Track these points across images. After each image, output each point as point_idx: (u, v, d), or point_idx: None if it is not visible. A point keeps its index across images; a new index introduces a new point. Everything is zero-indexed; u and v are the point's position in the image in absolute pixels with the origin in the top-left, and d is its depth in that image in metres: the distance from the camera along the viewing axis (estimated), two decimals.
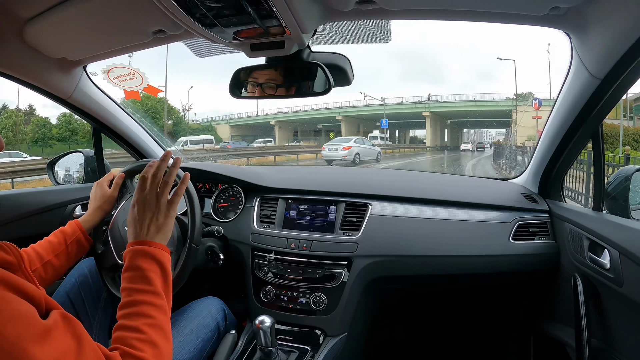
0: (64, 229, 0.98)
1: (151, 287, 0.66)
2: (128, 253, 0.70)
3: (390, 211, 1.23)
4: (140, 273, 0.67)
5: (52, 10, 0.85)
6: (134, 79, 1.45)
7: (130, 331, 0.60)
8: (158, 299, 0.66)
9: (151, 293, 0.65)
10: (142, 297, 0.64)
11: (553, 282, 1.19)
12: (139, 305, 0.63)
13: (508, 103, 29.76)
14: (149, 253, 0.70)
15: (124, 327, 0.61)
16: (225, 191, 1.43)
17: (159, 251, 0.71)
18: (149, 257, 0.69)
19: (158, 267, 0.69)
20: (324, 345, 1.10)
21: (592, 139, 1.01)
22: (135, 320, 0.62)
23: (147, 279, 0.66)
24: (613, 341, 0.91)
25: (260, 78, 0.95)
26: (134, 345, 0.58)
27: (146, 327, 0.61)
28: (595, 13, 0.73)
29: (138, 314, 0.62)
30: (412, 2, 0.79)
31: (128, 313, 0.63)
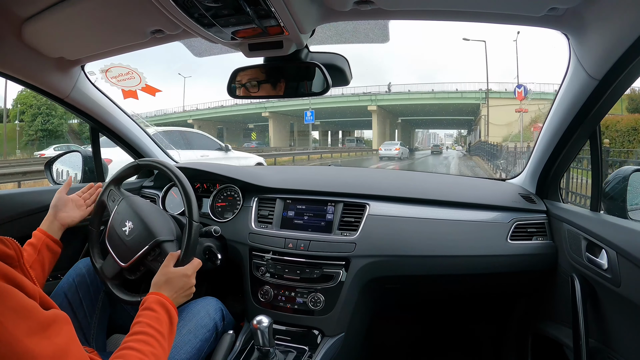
0: (30, 241, 0.99)
1: (160, 327, 0.77)
2: (150, 299, 0.83)
3: (388, 211, 1.23)
4: (155, 314, 0.79)
5: (50, 10, 0.84)
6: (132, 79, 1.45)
7: (133, 350, 0.69)
8: (162, 338, 0.76)
9: (159, 332, 0.76)
10: (152, 331, 0.75)
11: (551, 283, 1.19)
12: (147, 336, 0.73)
13: (476, 95, 25.45)
14: (167, 307, 0.83)
15: (129, 347, 0.70)
16: (223, 191, 1.43)
17: (174, 312, 0.84)
18: (165, 309, 0.82)
19: (167, 317, 0.81)
20: (321, 345, 1.10)
21: (590, 140, 1.01)
22: (140, 345, 0.71)
23: (159, 321, 0.79)
24: (610, 341, 0.91)
25: (258, 78, 0.95)
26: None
27: (149, 353, 0.70)
28: (593, 14, 0.73)
29: (144, 341, 0.72)
30: (410, 3, 0.79)
31: (135, 339, 0.72)
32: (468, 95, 26.40)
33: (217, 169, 1.46)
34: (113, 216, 1.06)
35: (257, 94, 0.97)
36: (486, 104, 24.06)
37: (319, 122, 37.29)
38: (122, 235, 1.02)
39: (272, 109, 29.20)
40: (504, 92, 23.78)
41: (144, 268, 1.02)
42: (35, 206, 1.26)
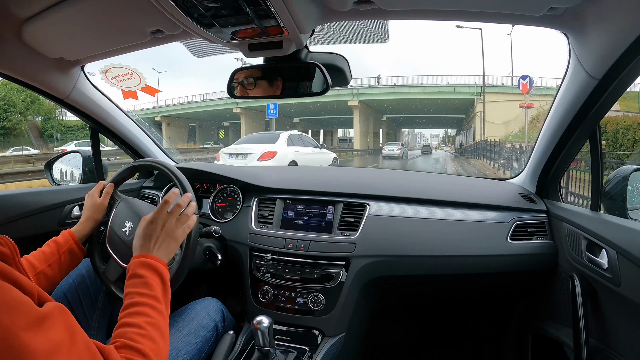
0: (56, 239, 0.97)
1: (152, 291, 0.70)
2: (132, 264, 0.76)
3: (388, 211, 1.23)
4: (142, 280, 0.72)
5: (49, 10, 0.84)
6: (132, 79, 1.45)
7: (130, 327, 0.63)
8: (157, 303, 0.70)
9: (151, 297, 0.70)
10: (143, 299, 0.69)
11: (551, 282, 1.19)
12: (140, 306, 0.67)
13: (470, 90, 22.61)
14: (151, 265, 0.75)
15: (125, 324, 0.64)
16: (223, 191, 1.43)
17: (161, 265, 0.77)
18: (151, 268, 0.75)
19: (158, 278, 0.74)
20: (322, 345, 1.10)
21: (590, 139, 1.01)
22: (135, 318, 0.65)
23: (148, 285, 0.71)
24: (611, 341, 0.91)
25: (258, 78, 0.95)
26: (133, 338, 0.61)
27: (146, 324, 0.64)
28: (593, 14, 0.73)
29: (139, 313, 0.66)
30: (410, 3, 0.79)
31: (129, 312, 0.66)
32: (461, 89, 23.47)
33: (217, 169, 1.46)
34: (112, 219, 1.06)
35: (257, 94, 0.97)
36: (482, 99, 21.46)
37: (298, 120, 35.19)
38: (122, 236, 1.02)
39: (243, 104, 25.54)
40: (501, 87, 21.90)
41: None
42: (35, 206, 1.26)
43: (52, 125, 23.95)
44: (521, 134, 15.66)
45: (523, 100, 15.54)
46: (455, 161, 18.76)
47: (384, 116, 33.47)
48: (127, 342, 0.60)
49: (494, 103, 20.62)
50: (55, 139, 23.16)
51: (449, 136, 48.22)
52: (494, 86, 21.94)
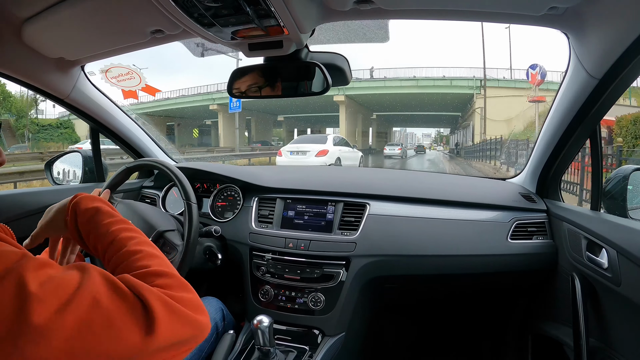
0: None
1: (137, 234, 0.64)
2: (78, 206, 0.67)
3: (388, 211, 1.23)
4: (96, 215, 0.64)
5: (49, 10, 0.84)
6: (132, 79, 1.45)
7: (126, 257, 0.57)
8: (130, 227, 0.64)
9: (121, 222, 0.63)
10: (113, 227, 0.61)
11: (551, 282, 1.19)
12: (116, 235, 0.60)
13: (469, 83, 20.37)
14: (91, 198, 0.67)
15: (117, 258, 0.57)
16: (223, 191, 1.43)
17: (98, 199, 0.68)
18: (95, 200, 0.67)
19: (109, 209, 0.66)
20: (322, 345, 1.10)
21: (590, 139, 1.01)
22: (122, 247, 0.58)
23: (107, 213, 0.64)
24: (611, 340, 0.91)
25: (258, 78, 0.95)
26: (161, 263, 0.55)
27: (136, 246, 0.58)
28: (593, 13, 0.73)
29: (119, 241, 0.59)
30: (410, 2, 0.79)
31: (112, 249, 0.59)
32: (459, 83, 21.09)
33: (217, 169, 1.46)
34: None
35: (257, 93, 0.97)
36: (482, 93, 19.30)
37: (283, 118, 33.04)
38: None
39: (220, 100, 22.72)
40: (502, 81, 19.73)
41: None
42: (35, 207, 1.26)
43: (24, 124, 22.12)
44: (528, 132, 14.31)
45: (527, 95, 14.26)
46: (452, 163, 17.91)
47: (374, 114, 30.74)
48: (157, 269, 0.53)
49: (495, 98, 18.71)
50: (27, 138, 21.75)
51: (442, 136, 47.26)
52: (495, 79, 19.86)
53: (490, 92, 19.05)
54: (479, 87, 19.93)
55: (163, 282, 0.52)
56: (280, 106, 26.63)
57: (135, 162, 1.15)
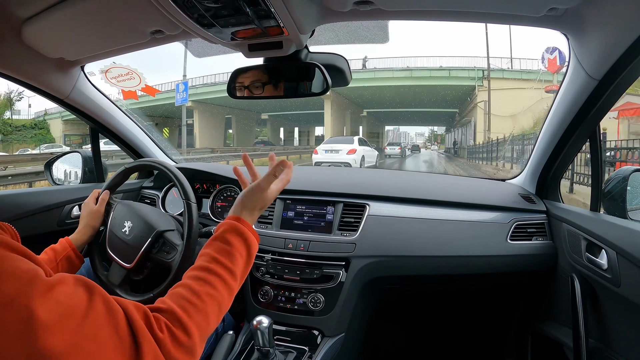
0: (54, 246, 0.96)
1: (232, 265, 0.65)
2: (224, 225, 0.70)
3: (387, 211, 1.23)
4: (228, 248, 0.66)
5: (49, 10, 0.84)
6: (132, 79, 1.45)
7: (188, 292, 0.58)
8: (232, 279, 0.64)
9: (229, 271, 0.64)
10: (220, 270, 0.63)
11: (551, 283, 1.19)
12: (213, 275, 0.62)
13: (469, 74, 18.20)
14: (244, 234, 0.69)
15: (185, 285, 0.59)
16: (223, 191, 1.43)
17: (252, 237, 0.71)
18: (242, 237, 0.69)
19: (246, 250, 0.69)
20: (321, 345, 1.10)
21: (590, 140, 1.01)
22: (201, 285, 0.59)
23: (232, 256, 0.65)
24: (610, 341, 0.91)
25: (258, 78, 0.95)
26: (185, 307, 0.55)
27: (207, 297, 0.59)
28: (593, 14, 0.73)
29: (207, 281, 0.60)
30: (409, 3, 0.79)
31: (199, 276, 0.61)
32: (458, 73, 18.84)
33: (217, 170, 1.46)
34: (111, 222, 1.06)
35: (257, 94, 0.97)
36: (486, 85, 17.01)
37: (267, 117, 30.97)
38: (122, 237, 1.02)
39: (196, 96, 21.52)
40: (507, 71, 17.46)
41: (150, 264, 1.02)
42: (35, 206, 1.26)
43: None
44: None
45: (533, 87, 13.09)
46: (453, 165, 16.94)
47: (364, 110, 28.37)
48: (176, 310, 0.54)
49: (500, 91, 16.59)
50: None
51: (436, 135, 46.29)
52: (499, 70, 17.73)
53: (493, 84, 17.08)
54: (481, 78, 17.83)
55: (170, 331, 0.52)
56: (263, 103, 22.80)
57: (134, 162, 1.15)
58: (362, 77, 19.96)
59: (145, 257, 0.99)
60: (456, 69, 19.15)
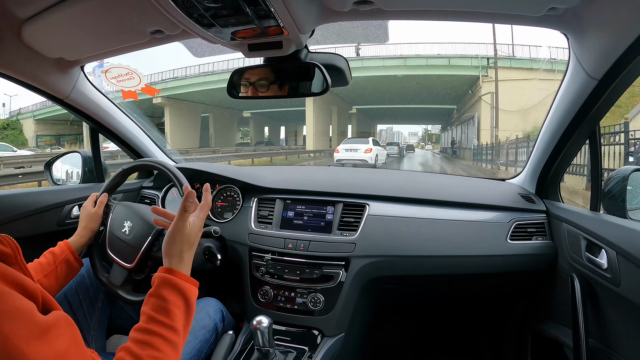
0: (53, 249, 0.95)
1: (171, 321, 0.64)
2: (157, 278, 0.69)
3: (387, 211, 1.23)
4: (164, 304, 0.65)
5: (49, 10, 0.84)
6: (132, 79, 1.45)
7: (134, 358, 0.58)
8: (174, 335, 0.64)
9: (169, 328, 0.64)
10: (159, 329, 0.63)
11: (550, 282, 1.19)
12: (153, 336, 0.62)
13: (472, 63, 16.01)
14: (177, 286, 0.68)
15: (131, 352, 0.59)
16: (222, 191, 1.43)
17: (189, 286, 0.70)
18: (176, 290, 0.68)
19: (183, 302, 0.68)
20: (321, 345, 1.10)
21: (589, 139, 1.01)
22: (144, 349, 0.60)
23: (170, 313, 0.65)
24: (610, 341, 0.91)
25: (258, 78, 0.95)
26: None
27: (152, 357, 0.59)
28: (592, 14, 0.73)
29: (149, 344, 0.61)
30: (409, 3, 0.79)
31: (140, 339, 0.61)
32: (459, 62, 16.58)
33: (217, 169, 1.46)
34: (110, 223, 1.06)
35: (257, 94, 0.97)
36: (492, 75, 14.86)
37: (250, 114, 28.99)
38: (122, 237, 1.02)
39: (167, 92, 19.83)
40: (515, 59, 15.23)
41: (151, 263, 1.01)
42: (35, 206, 1.26)
43: None
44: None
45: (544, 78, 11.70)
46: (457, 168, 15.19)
47: (353, 107, 25.76)
48: None
49: (507, 83, 14.51)
50: None
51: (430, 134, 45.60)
52: (507, 58, 15.41)
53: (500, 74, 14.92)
54: (485, 68, 15.50)
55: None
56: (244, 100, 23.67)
57: (132, 163, 1.15)
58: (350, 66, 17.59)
59: (146, 256, 0.99)
60: (457, 57, 16.82)
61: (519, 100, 13.44)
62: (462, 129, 21.48)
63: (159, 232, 1.01)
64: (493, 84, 15.12)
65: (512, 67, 15.12)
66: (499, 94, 14.78)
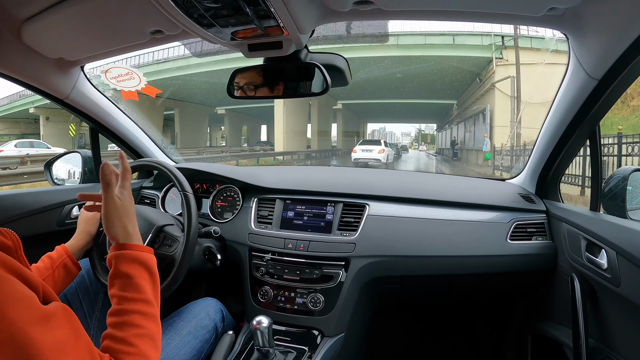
0: (50, 254, 0.94)
1: (141, 294, 0.64)
2: (112, 258, 0.68)
3: (387, 211, 1.23)
4: (129, 280, 0.65)
5: (49, 10, 0.84)
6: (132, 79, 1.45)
7: (119, 343, 0.58)
8: (149, 307, 0.64)
9: (141, 301, 0.64)
10: (132, 306, 0.63)
11: (550, 282, 1.19)
12: (129, 315, 0.62)
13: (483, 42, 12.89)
14: (134, 257, 0.68)
15: (113, 337, 0.59)
16: (222, 191, 1.43)
17: (145, 254, 0.69)
18: (136, 262, 0.67)
19: (146, 271, 0.68)
20: (321, 345, 1.10)
21: (589, 139, 1.01)
22: (125, 330, 0.60)
23: (137, 287, 0.65)
24: (610, 341, 0.91)
25: (257, 78, 0.95)
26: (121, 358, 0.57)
27: (136, 339, 0.59)
28: (592, 14, 0.73)
29: (128, 323, 0.61)
30: (409, 3, 0.79)
31: (118, 322, 0.61)
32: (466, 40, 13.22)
33: (217, 170, 1.46)
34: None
35: (257, 94, 0.97)
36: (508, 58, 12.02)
37: (225, 111, 25.96)
38: None
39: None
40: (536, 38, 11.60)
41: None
42: (35, 206, 1.26)
43: None
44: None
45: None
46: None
47: (338, 102, 22.45)
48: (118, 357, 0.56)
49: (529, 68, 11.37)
50: None
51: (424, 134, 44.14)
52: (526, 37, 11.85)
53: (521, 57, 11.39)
54: (500, 48, 12.33)
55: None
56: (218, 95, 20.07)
57: (131, 162, 1.15)
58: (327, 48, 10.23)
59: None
60: (464, 34, 13.24)
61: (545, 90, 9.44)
62: (465, 127, 18.52)
63: (159, 229, 1.01)
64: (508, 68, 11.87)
65: (533, 49, 11.67)
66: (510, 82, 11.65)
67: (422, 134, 45.39)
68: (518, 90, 11.53)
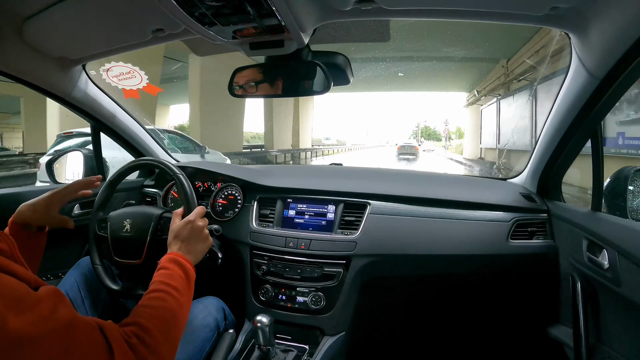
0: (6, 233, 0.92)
1: (173, 282, 0.75)
2: (162, 259, 0.82)
3: (388, 210, 1.23)
4: (167, 271, 0.78)
5: (51, 9, 0.84)
6: (133, 78, 1.45)
7: (144, 307, 0.67)
8: (176, 292, 0.74)
9: (172, 287, 0.74)
10: (163, 287, 0.73)
11: (551, 282, 1.19)
12: (158, 292, 0.72)
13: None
14: (177, 260, 0.82)
15: (140, 305, 0.68)
16: (224, 190, 1.44)
17: (186, 262, 0.83)
18: (177, 263, 0.81)
19: (182, 272, 0.80)
20: (322, 344, 1.10)
21: (591, 139, 1.01)
22: (151, 301, 0.70)
23: (171, 276, 0.77)
24: (611, 341, 0.91)
25: (259, 77, 0.95)
26: (143, 316, 0.65)
27: (159, 307, 0.69)
28: (594, 13, 0.73)
29: (156, 297, 0.71)
30: (411, 2, 0.79)
31: (147, 297, 0.71)
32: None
33: (218, 168, 1.46)
34: (110, 229, 1.05)
35: (258, 93, 0.97)
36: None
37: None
38: (125, 236, 1.02)
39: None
40: None
41: (159, 250, 1.01)
42: None
43: None
44: None
45: None
46: None
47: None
48: (137, 320, 0.63)
49: None
50: None
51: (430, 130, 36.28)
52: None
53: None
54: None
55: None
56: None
57: (129, 163, 1.15)
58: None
59: (153, 243, 1.00)
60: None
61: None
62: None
63: (159, 216, 1.02)
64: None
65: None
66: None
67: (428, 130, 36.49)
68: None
